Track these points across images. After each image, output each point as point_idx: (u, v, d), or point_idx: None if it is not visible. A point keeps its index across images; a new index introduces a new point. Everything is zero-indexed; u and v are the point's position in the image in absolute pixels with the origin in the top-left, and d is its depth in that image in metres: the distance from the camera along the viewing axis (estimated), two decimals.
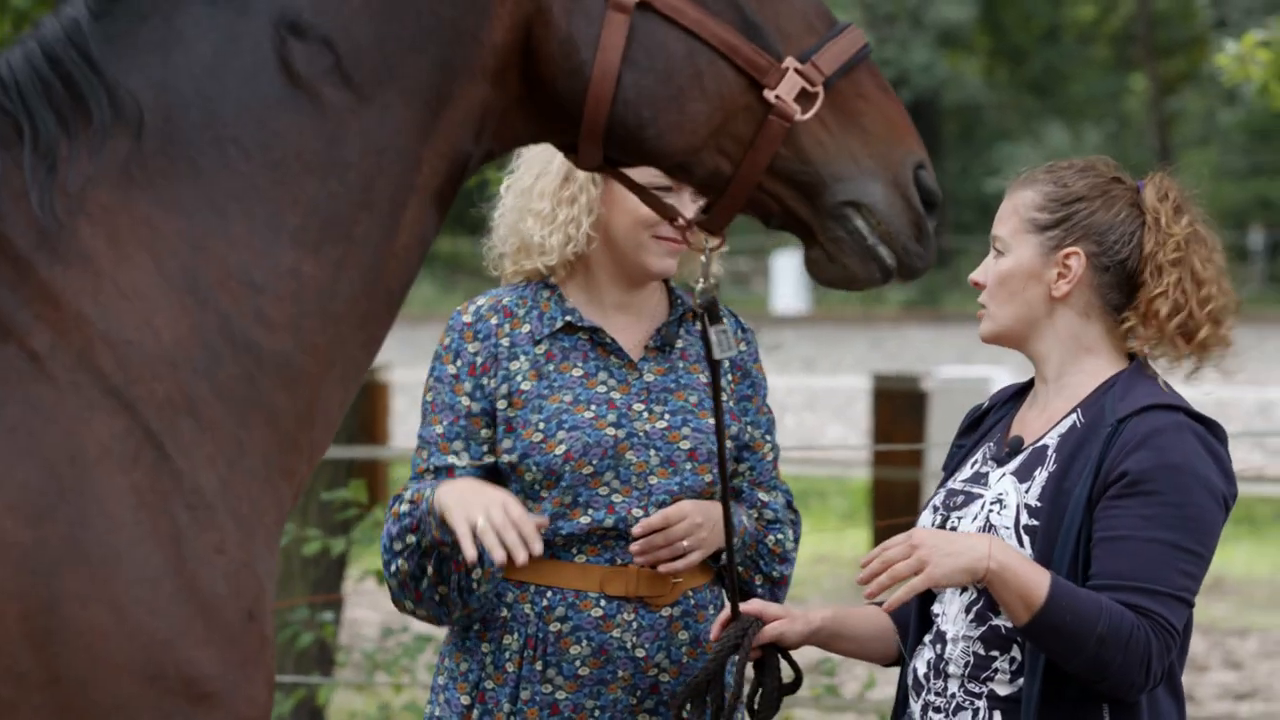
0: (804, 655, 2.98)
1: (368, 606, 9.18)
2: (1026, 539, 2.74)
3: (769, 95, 2.28)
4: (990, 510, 2.79)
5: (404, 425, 13.27)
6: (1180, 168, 2.95)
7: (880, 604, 2.97)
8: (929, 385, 10.33)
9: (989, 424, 2.95)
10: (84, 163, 2.10)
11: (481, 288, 3.39)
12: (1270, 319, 29.70)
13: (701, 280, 2.64)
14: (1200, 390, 2.88)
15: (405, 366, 12.80)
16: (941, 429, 9.68)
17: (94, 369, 2.06)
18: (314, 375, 2.18)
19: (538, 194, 3.11)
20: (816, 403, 16.93)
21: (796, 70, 2.29)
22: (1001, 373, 10.42)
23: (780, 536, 3.16)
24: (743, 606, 2.91)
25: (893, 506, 10.20)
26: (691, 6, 2.28)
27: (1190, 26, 34.66)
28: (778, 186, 2.33)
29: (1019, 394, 2.97)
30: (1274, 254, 34.28)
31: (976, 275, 2.89)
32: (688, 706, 2.91)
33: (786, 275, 30.11)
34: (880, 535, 11.25)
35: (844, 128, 2.32)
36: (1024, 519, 2.76)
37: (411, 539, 3.00)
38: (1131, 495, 2.67)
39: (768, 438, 3.18)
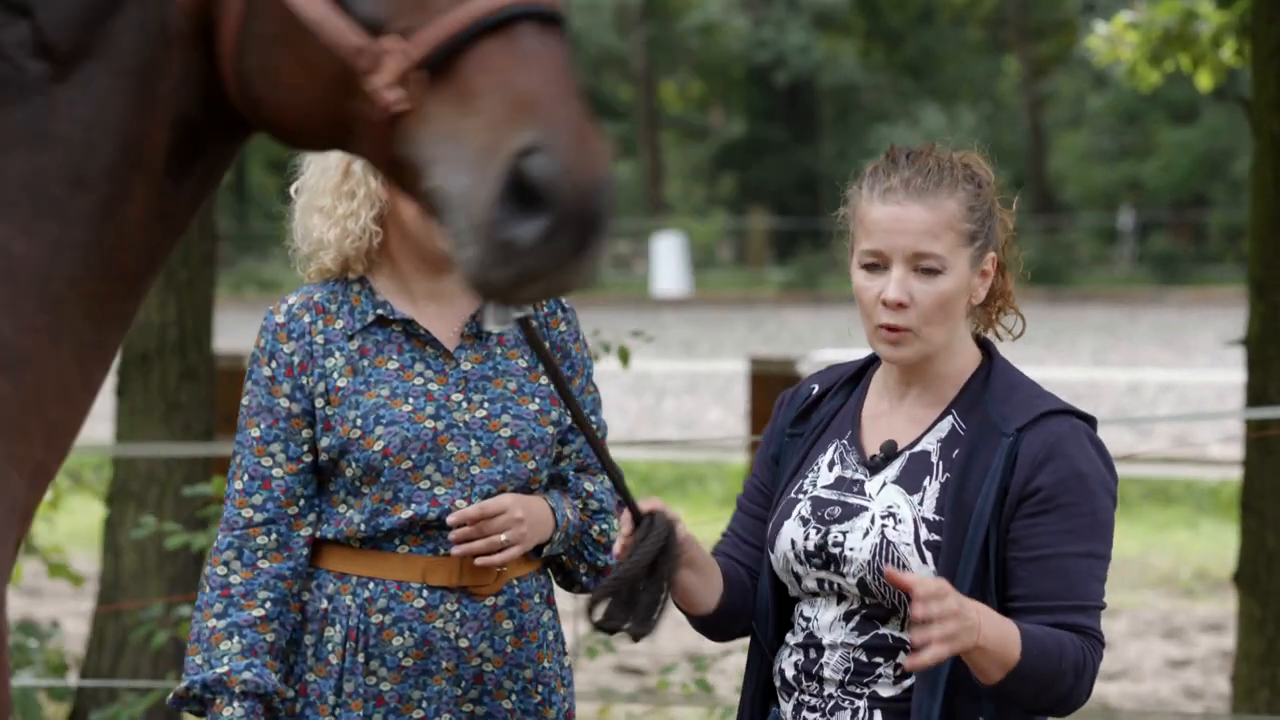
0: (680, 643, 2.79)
1: None
2: (929, 555, 2.65)
3: (363, 82, 1.94)
4: (884, 525, 2.68)
5: None
6: (1054, 149, 2.85)
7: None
8: (805, 369, 10.32)
9: (824, 413, 2.81)
10: None
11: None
12: (1139, 299, 30.21)
13: None
14: (1074, 370, 2.79)
15: None
16: None
17: None
18: (38, 357, 2.00)
19: (320, 191, 3.04)
20: (696, 386, 16.91)
21: (401, 50, 1.93)
22: None
23: (604, 526, 3.07)
24: (642, 508, 2.61)
25: None
26: None
27: (1060, 10, 35.12)
28: (401, 174, 1.98)
29: (851, 380, 2.84)
30: (1143, 235, 34.86)
31: (898, 295, 2.66)
32: (604, 608, 2.60)
33: (667, 258, 30.07)
34: None
35: (458, 108, 1.93)
36: (924, 534, 2.66)
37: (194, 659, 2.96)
38: (1049, 511, 2.65)
39: (593, 418, 3.08)
